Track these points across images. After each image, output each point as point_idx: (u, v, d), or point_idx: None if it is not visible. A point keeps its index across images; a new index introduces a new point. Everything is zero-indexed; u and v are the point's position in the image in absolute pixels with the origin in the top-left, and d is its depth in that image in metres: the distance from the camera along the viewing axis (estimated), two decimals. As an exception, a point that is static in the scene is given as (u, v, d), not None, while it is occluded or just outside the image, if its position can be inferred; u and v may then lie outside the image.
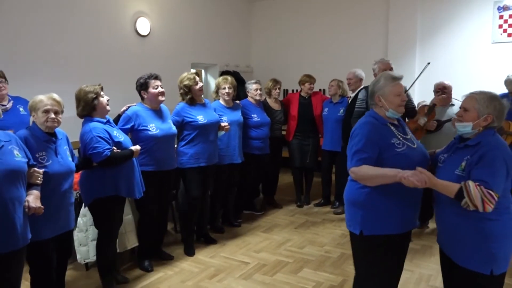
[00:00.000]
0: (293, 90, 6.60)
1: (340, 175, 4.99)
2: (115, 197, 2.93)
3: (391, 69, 4.02)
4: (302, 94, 5.05)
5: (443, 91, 4.11)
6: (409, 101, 4.04)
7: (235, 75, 6.63)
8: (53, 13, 4.50)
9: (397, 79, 2.20)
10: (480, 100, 1.98)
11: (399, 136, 2.14)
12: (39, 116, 2.45)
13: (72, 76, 4.54)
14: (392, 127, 2.17)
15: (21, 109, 3.42)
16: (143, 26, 5.49)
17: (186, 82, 3.63)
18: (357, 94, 4.56)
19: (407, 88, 3.99)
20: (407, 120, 4.37)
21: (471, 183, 1.85)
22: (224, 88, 4.07)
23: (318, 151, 5.06)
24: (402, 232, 2.14)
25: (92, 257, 3.27)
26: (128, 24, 5.32)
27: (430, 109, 4.05)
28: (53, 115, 2.46)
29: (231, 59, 7.02)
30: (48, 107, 2.45)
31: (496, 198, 1.84)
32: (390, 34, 6.23)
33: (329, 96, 5.02)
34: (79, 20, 4.75)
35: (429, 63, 4.21)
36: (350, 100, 4.65)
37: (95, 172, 2.85)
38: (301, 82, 5.05)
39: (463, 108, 2.03)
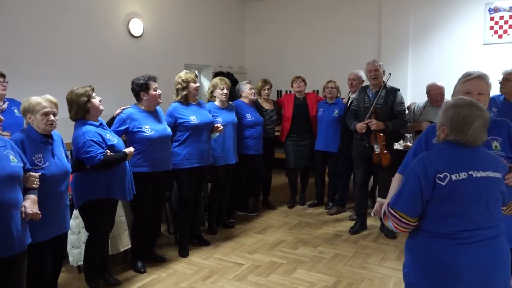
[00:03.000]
0: (286, 91, 6.60)
1: (333, 175, 5.01)
2: (106, 199, 2.91)
3: (375, 70, 4.00)
4: (296, 95, 5.06)
5: (441, 95, 4.11)
6: (395, 104, 4.00)
7: (229, 76, 6.63)
8: (46, 14, 4.46)
9: (468, 75, 1.97)
10: (442, 108, 1.76)
11: None
12: (37, 118, 2.42)
13: (64, 77, 4.50)
14: None
15: (15, 110, 3.42)
16: (136, 27, 5.46)
17: (185, 77, 3.64)
18: None
19: (376, 96, 4.00)
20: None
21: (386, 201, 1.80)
22: (223, 89, 4.06)
23: (313, 152, 5.06)
24: None
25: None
26: (121, 25, 5.30)
27: (370, 115, 3.97)
28: (52, 117, 2.45)
29: (224, 60, 7.02)
30: (47, 109, 2.43)
31: (403, 220, 1.68)
32: (382, 35, 6.26)
33: (324, 97, 5.02)
34: (71, 21, 4.71)
35: (390, 74, 4.18)
36: (351, 100, 4.64)
37: (88, 175, 2.83)
38: (291, 83, 5.08)
39: None
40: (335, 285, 3.18)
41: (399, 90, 4.10)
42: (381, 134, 3.93)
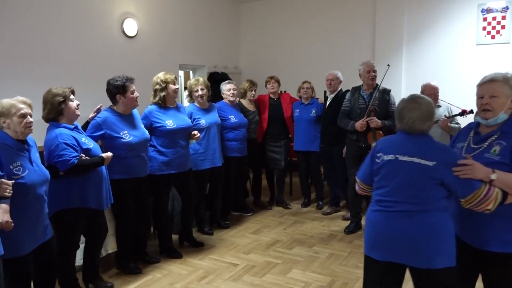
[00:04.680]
0: (281, 91, 6.60)
1: (317, 175, 5.06)
2: (81, 209, 2.78)
3: (374, 71, 4.11)
4: (271, 95, 5.05)
5: (435, 95, 4.13)
6: (389, 104, 4.09)
7: (223, 76, 6.62)
8: (38, 14, 4.43)
9: (482, 79, 2.04)
10: None
11: (466, 143, 2.08)
12: (14, 121, 2.25)
13: (57, 77, 4.46)
14: (471, 132, 2.10)
15: None
16: (130, 27, 5.44)
17: (164, 78, 3.49)
18: (337, 95, 4.61)
19: (375, 93, 4.06)
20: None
21: None
22: (197, 91, 3.96)
23: (289, 153, 5.07)
24: None
25: (79, 260, 3.21)
26: (115, 25, 5.28)
27: (369, 113, 4.01)
28: (30, 119, 2.31)
29: (219, 61, 7.01)
30: (24, 110, 2.28)
31: (360, 185, 2.25)
32: (377, 35, 6.29)
33: (299, 98, 5.03)
34: (64, 21, 4.69)
35: (388, 65, 4.23)
36: (329, 100, 4.68)
37: (61, 182, 2.67)
38: (265, 84, 5.06)
39: None
40: (330, 285, 3.19)
41: (390, 90, 4.19)
42: (380, 132, 4.02)
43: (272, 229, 4.41)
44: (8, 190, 2.08)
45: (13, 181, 2.15)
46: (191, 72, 6.97)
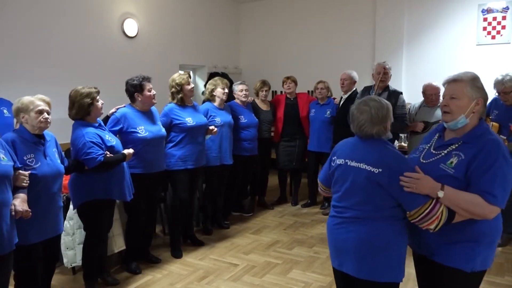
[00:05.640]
0: (281, 92, 6.60)
1: None
2: (105, 200, 2.91)
3: (385, 73, 4.07)
4: (287, 95, 5.05)
5: (437, 96, 4.12)
6: (395, 107, 3.88)
7: (224, 76, 6.62)
8: (39, 14, 4.43)
9: (448, 78, 1.89)
10: None
11: (428, 146, 1.94)
12: (31, 117, 2.40)
13: (58, 78, 4.48)
14: (436, 135, 1.95)
15: (5, 111, 3.37)
16: (131, 27, 5.44)
17: (178, 81, 3.63)
18: (351, 95, 4.60)
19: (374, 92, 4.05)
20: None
21: None
22: (224, 89, 4.10)
23: (305, 153, 5.07)
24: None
25: (79, 261, 3.23)
26: (115, 25, 5.28)
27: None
28: (46, 115, 2.45)
29: (219, 61, 7.01)
30: (42, 107, 2.44)
31: (320, 187, 2.22)
32: (377, 36, 6.29)
33: (316, 98, 5.04)
34: (65, 21, 4.69)
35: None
36: (343, 101, 4.67)
37: (86, 176, 2.82)
38: (282, 84, 5.08)
39: None
40: (330, 285, 3.18)
41: (401, 93, 4.14)
42: None
43: (272, 229, 4.41)
44: (25, 181, 2.24)
45: (29, 171, 2.29)
46: (191, 72, 6.97)
